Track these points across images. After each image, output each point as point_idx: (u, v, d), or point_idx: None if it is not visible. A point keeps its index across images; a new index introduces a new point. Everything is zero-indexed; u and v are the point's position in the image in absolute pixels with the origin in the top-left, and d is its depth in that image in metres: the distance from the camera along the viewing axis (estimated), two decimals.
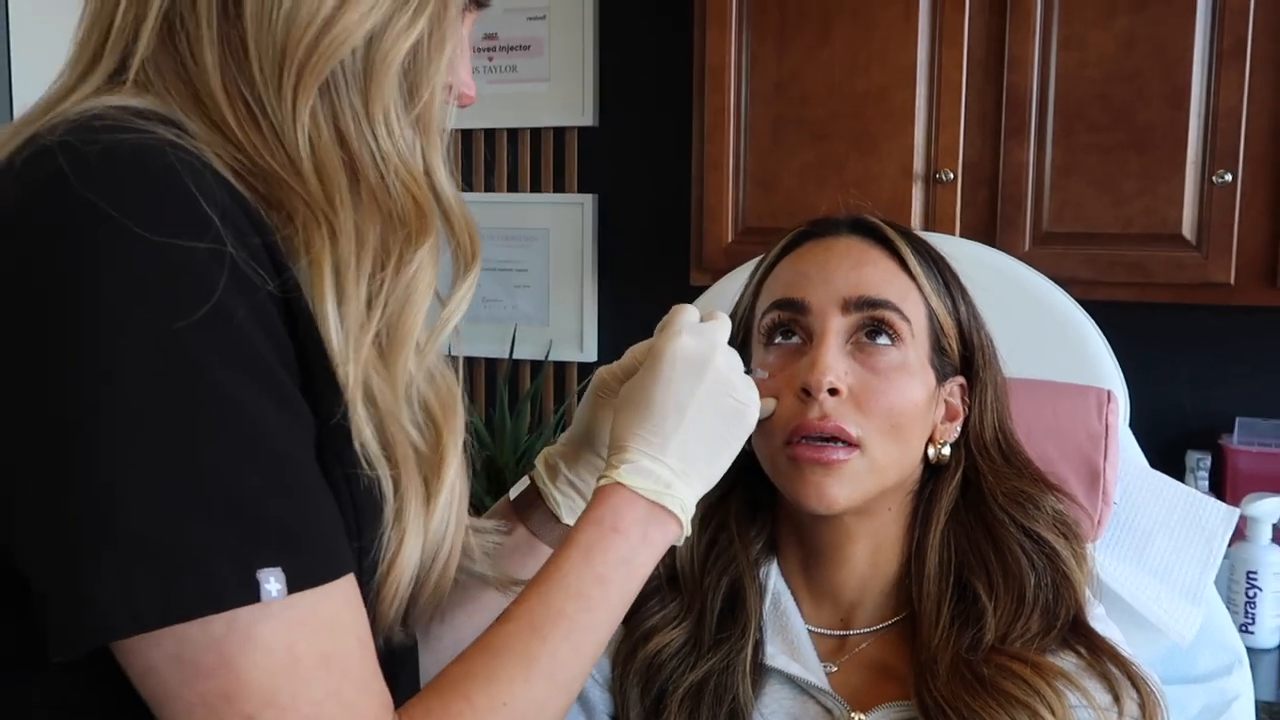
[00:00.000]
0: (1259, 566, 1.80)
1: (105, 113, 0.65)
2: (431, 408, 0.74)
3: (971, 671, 0.86)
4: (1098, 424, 1.07)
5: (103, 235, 0.59)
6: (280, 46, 0.69)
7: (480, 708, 0.68)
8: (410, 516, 0.70)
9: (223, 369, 0.60)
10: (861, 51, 1.95)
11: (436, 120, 0.74)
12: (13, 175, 0.62)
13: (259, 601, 0.59)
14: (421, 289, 0.71)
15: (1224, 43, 1.77)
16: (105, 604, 0.58)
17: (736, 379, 0.83)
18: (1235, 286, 1.82)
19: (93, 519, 0.58)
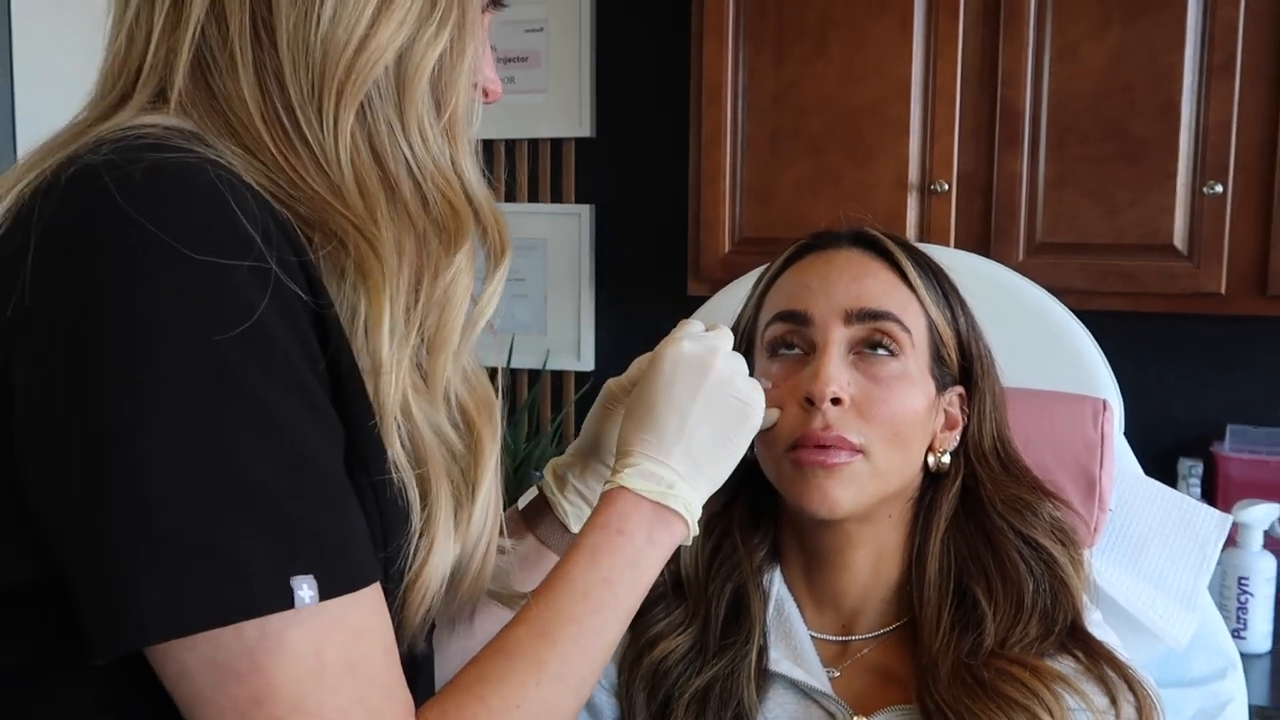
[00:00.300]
0: (1251, 572, 1.82)
1: (148, 132, 0.67)
2: (468, 408, 0.76)
3: (972, 675, 0.88)
4: (1093, 433, 1.09)
5: (147, 252, 0.61)
6: (319, 69, 0.70)
7: (495, 709, 0.70)
8: (440, 525, 0.72)
9: (261, 382, 0.62)
10: (857, 65, 1.97)
11: (464, 122, 0.76)
12: (57, 193, 0.64)
13: (293, 608, 0.61)
14: (459, 293, 0.73)
15: (1214, 57, 1.80)
16: (147, 608, 0.59)
17: (739, 379, 0.84)
18: (1226, 296, 1.84)
19: (134, 526, 0.59)
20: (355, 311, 0.69)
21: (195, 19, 0.70)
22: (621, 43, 2.45)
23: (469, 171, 0.75)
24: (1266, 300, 1.83)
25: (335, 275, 0.69)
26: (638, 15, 2.43)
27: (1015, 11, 1.89)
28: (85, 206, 0.62)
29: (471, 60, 0.76)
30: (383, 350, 0.69)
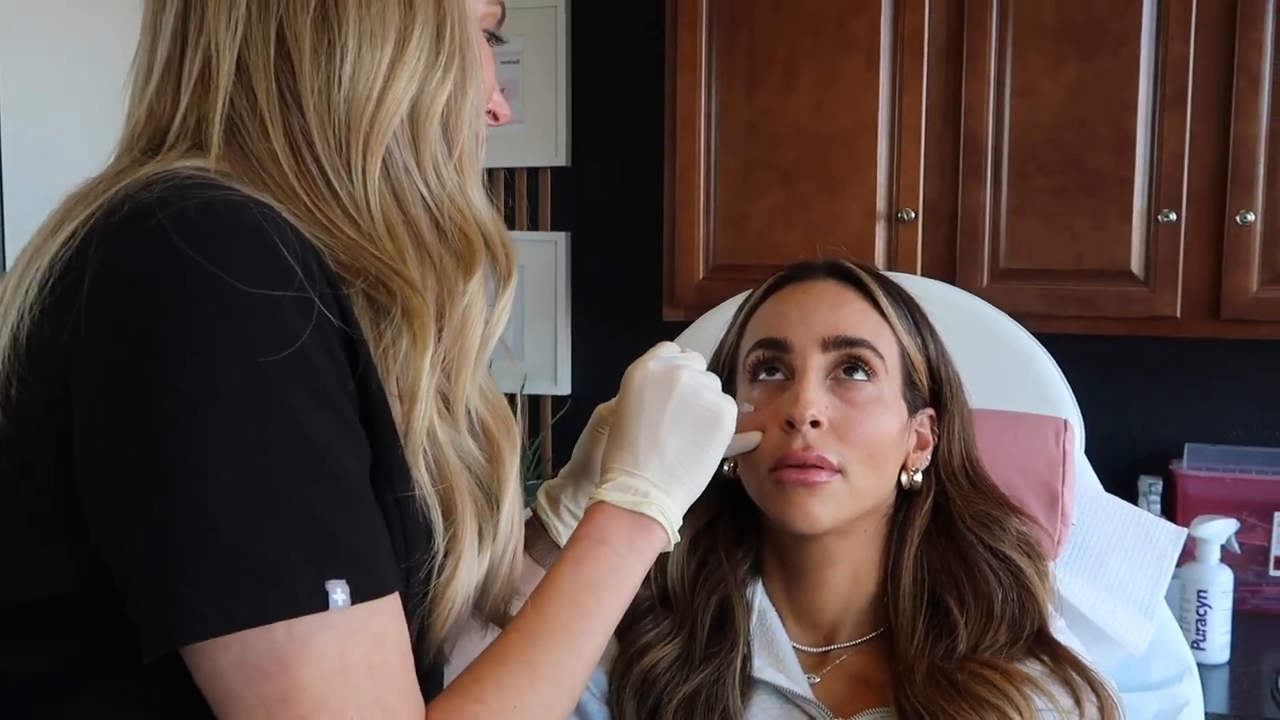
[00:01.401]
0: (1209, 585, 1.89)
1: (195, 172, 0.72)
2: (487, 423, 0.81)
3: (946, 678, 0.93)
4: (1056, 451, 1.15)
5: (200, 284, 0.66)
6: (344, 125, 0.76)
7: (494, 709, 0.74)
8: (465, 543, 0.76)
9: (301, 404, 0.67)
10: (826, 98, 2.04)
11: (471, 155, 0.81)
12: (113, 228, 0.69)
13: (327, 609, 0.65)
14: (475, 316, 0.78)
15: (1166, 92, 1.88)
16: (197, 608, 0.64)
17: (706, 392, 0.88)
18: (1181, 319, 1.92)
19: (186, 533, 0.64)
20: (394, 344, 0.74)
21: (224, 90, 0.76)
22: (596, 75, 2.51)
23: (477, 200, 0.81)
24: (1220, 324, 1.91)
25: (368, 310, 0.74)
26: (612, 49, 2.49)
27: (977, 49, 1.96)
28: (140, 241, 0.67)
29: (475, 97, 0.81)
30: (421, 380, 0.74)
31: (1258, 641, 1.97)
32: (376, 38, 0.76)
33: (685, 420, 0.87)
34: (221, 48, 0.76)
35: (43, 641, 0.71)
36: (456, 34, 0.79)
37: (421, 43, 0.77)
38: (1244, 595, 2.04)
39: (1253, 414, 2.18)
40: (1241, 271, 1.88)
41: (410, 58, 0.77)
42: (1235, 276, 1.88)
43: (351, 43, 0.76)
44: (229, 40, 0.76)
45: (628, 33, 2.46)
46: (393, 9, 0.77)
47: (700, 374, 0.90)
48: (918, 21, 1.99)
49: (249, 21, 0.76)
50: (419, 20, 0.77)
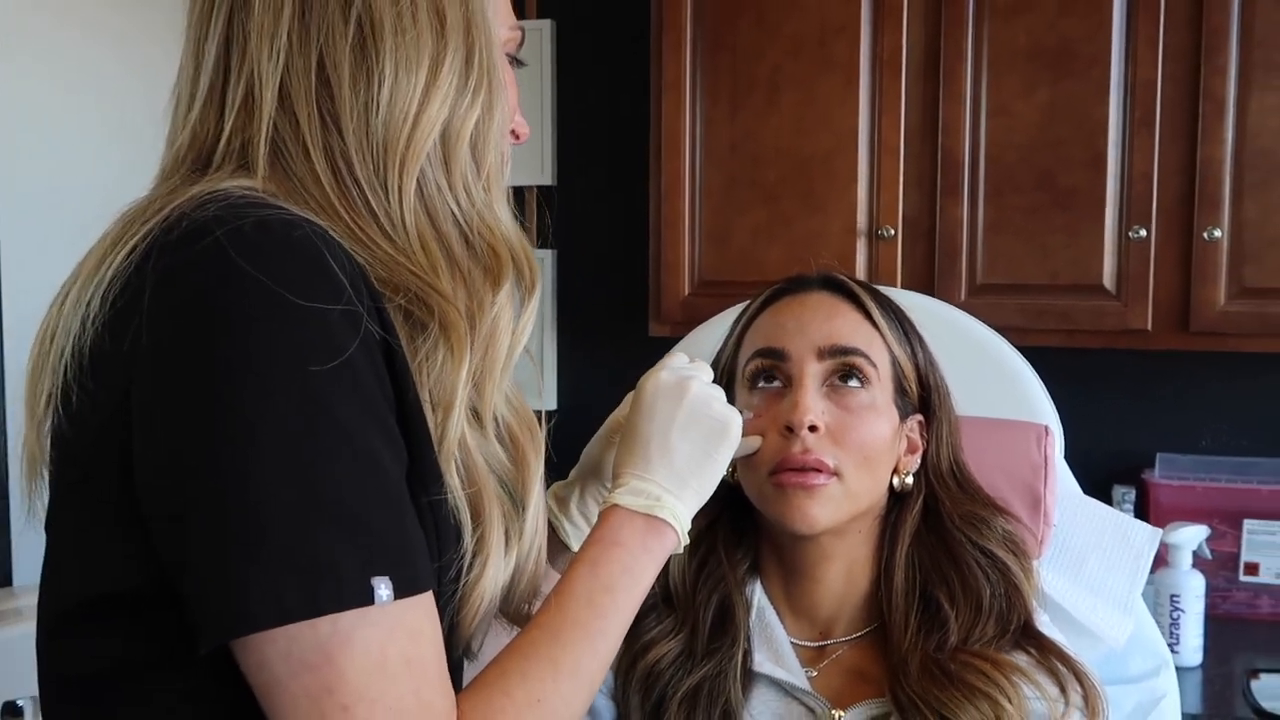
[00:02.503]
0: (1181, 590, 1.95)
1: (246, 193, 0.76)
2: (513, 428, 0.85)
3: (939, 668, 0.98)
4: (1038, 455, 1.20)
5: (256, 298, 0.70)
6: (381, 148, 0.80)
7: (519, 702, 0.78)
8: (492, 545, 0.81)
9: (347, 412, 0.71)
10: (808, 118, 2.10)
11: (497, 173, 0.85)
12: (171, 245, 0.73)
13: (372, 604, 0.69)
14: (503, 326, 0.82)
15: (1136, 113, 1.96)
16: (253, 602, 0.68)
17: (714, 402, 0.93)
18: (1152, 332, 1.99)
19: (243, 533, 0.68)
20: (430, 357, 0.78)
21: (268, 115, 0.80)
22: (581, 95, 2.56)
23: (504, 216, 0.85)
24: (1189, 336, 1.98)
25: (405, 324, 0.78)
26: (596, 69, 2.55)
27: (953, 71, 2.03)
28: (199, 257, 0.71)
29: (500, 119, 0.86)
30: (457, 390, 0.78)
31: (1229, 644, 2.03)
32: (411, 64, 0.80)
33: (695, 428, 0.91)
34: (265, 75, 0.80)
35: (106, 635, 0.75)
36: (484, 59, 0.84)
37: (453, 68, 0.82)
38: (1215, 600, 2.10)
39: (1221, 424, 2.25)
40: (1209, 286, 1.95)
41: (443, 83, 0.81)
42: (1203, 291, 1.95)
43: (389, 69, 0.80)
44: (271, 68, 0.80)
45: (612, 54, 2.51)
46: (426, 37, 0.81)
47: (709, 385, 0.94)
48: (896, 44, 2.05)
49: (290, 50, 0.80)
50: (450, 47, 0.82)
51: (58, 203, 2.03)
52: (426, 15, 0.81)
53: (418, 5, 0.81)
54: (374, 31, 0.80)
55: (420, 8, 0.81)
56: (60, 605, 0.78)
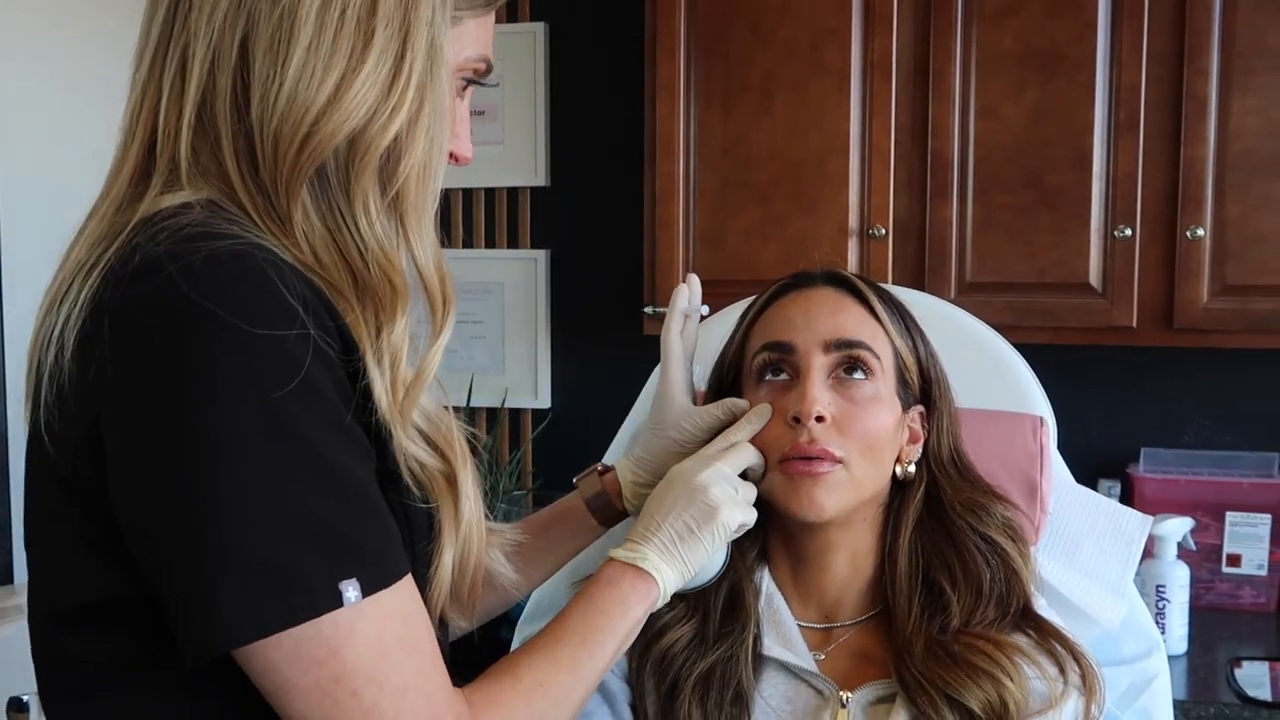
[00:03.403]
0: (1167, 581, 1.99)
1: (194, 219, 0.78)
2: (435, 439, 0.89)
3: (943, 649, 1.02)
4: (1033, 445, 1.24)
5: (212, 329, 0.73)
6: (273, 147, 0.81)
7: (525, 684, 0.88)
8: (445, 530, 0.87)
9: (309, 427, 0.75)
10: (800, 121, 2.14)
11: (414, 199, 0.85)
12: (127, 280, 0.76)
13: (342, 606, 0.75)
14: (403, 356, 0.84)
15: (1120, 116, 2.00)
16: (230, 617, 0.73)
17: (713, 489, 1.02)
18: (1137, 329, 2.03)
19: (216, 553, 0.73)
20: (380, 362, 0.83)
21: (193, 95, 0.82)
22: (574, 98, 2.59)
23: (418, 244, 0.86)
24: (1173, 333, 2.02)
25: (363, 330, 0.82)
26: (588, 72, 2.58)
27: (942, 74, 2.07)
28: (154, 293, 0.74)
29: (430, 141, 0.85)
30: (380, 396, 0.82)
31: (1213, 634, 2.08)
32: (323, 60, 0.80)
33: (689, 510, 1.01)
34: (196, 51, 0.82)
35: (93, 638, 0.80)
36: (417, 75, 0.83)
37: (374, 77, 0.81)
38: (1199, 591, 2.15)
39: (1204, 419, 2.30)
40: (1192, 284, 2.00)
41: (358, 88, 0.80)
42: (1187, 289, 2.00)
43: (295, 59, 0.80)
44: (203, 45, 0.81)
45: (605, 57, 2.55)
46: (347, 38, 0.80)
47: (717, 472, 1.03)
48: (886, 48, 2.09)
49: (221, 28, 0.81)
50: (374, 54, 0.81)
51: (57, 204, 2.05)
52: (355, 16, 0.81)
53: (348, 5, 0.81)
54: (293, 21, 0.80)
55: (350, 8, 0.81)
56: (50, 608, 0.82)
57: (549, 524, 1.15)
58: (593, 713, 1.07)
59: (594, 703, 1.07)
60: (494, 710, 0.85)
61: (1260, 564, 2.19)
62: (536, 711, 0.87)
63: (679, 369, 1.14)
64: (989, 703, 0.99)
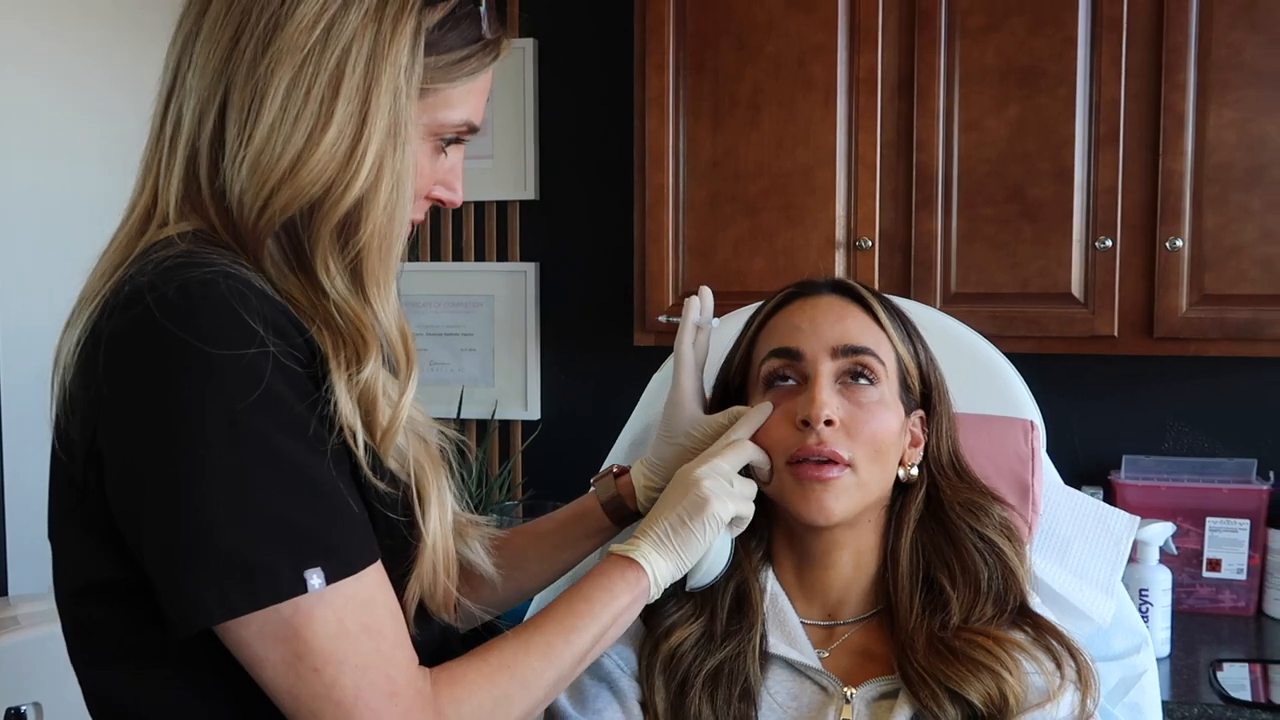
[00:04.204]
0: (1150, 584, 2.03)
1: (180, 251, 0.88)
2: (416, 460, 0.96)
3: (944, 645, 1.05)
4: (1025, 448, 1.28)
5: (182, 353, 0.83)
6: (239, 206, 0.90)
7: (491, 664, 0.94)
8: (434, 498, 0.96)
9: (273, 433, 0.85)
10: (787, 135, 2.17)
11: (374, 265, 0.92)
12: (118, 311, 0.86)
13: (307, 593, 0.84)
14: (377, 390, 0.91)
15: (1100, 129, 2.05)
16: (204, 600, 0.84)
17: (705, 482, 1.06)
18: (1119, 338, 2.07)
19: (191, 545, 0.83)
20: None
21: (187, 137, 0.92)
22: (563, 113, 2.62)
23: (379, 307, 0.93)
24: (1154, 342, 2.07)
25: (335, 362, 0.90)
26: (578, 88, 2.61)
27: (926, 89, 2.11)
28: (133, 324, 0.85)
29: (389, 214, 0.92)
30: (352, 419, 0.91)
31: (1194, 637, 2.12)
32: (286, 132, 0.89)
33: (682, 501, 1.06)
34: (183, 116, 0.92)
35: (105, 609, 0.92)
36: (373, 148, 0.90)
37: (332, 151, 0.89)
38: (1180, 595, 2.20)
39: (1183, 426, 2.35)
40: (1172, 293, 2.04)
41: (315, 162, 0.89)
42: (1166, 298, 2.04)
43: (261, 129, 0.89)
44: (194, 99, 0.92)
45: (594, 73, 2.58)
46: (309, 112, 0.89)
47: (711, 467, 1.07)
48: (871, 63, 2.14)
49: (206, 93, 0.91)
50: (334, 128, 0.89)
51: (49, 217, 2.06)
52: (320, 94, 0.89)
53: (314, 83, 0.89)
54: (262, 96, 0.89)
55: (316, 86, 0.89)
56: (66, 586, 0.95)
57: (567, 523, 1.21)
58: (603, 710, 1.09)
59: (604, 700, 1.10)
60: (456, 688, 0.91)
61: (1240, 568, 2.24)
62: (501, 692, 0.93)
63: (690, 378, 1.17)
64: (989, 696, 1.02)
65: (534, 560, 1.19)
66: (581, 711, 1.10)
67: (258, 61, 0.89)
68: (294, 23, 0.89)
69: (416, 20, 0.91)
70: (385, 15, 0.90)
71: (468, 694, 0.91)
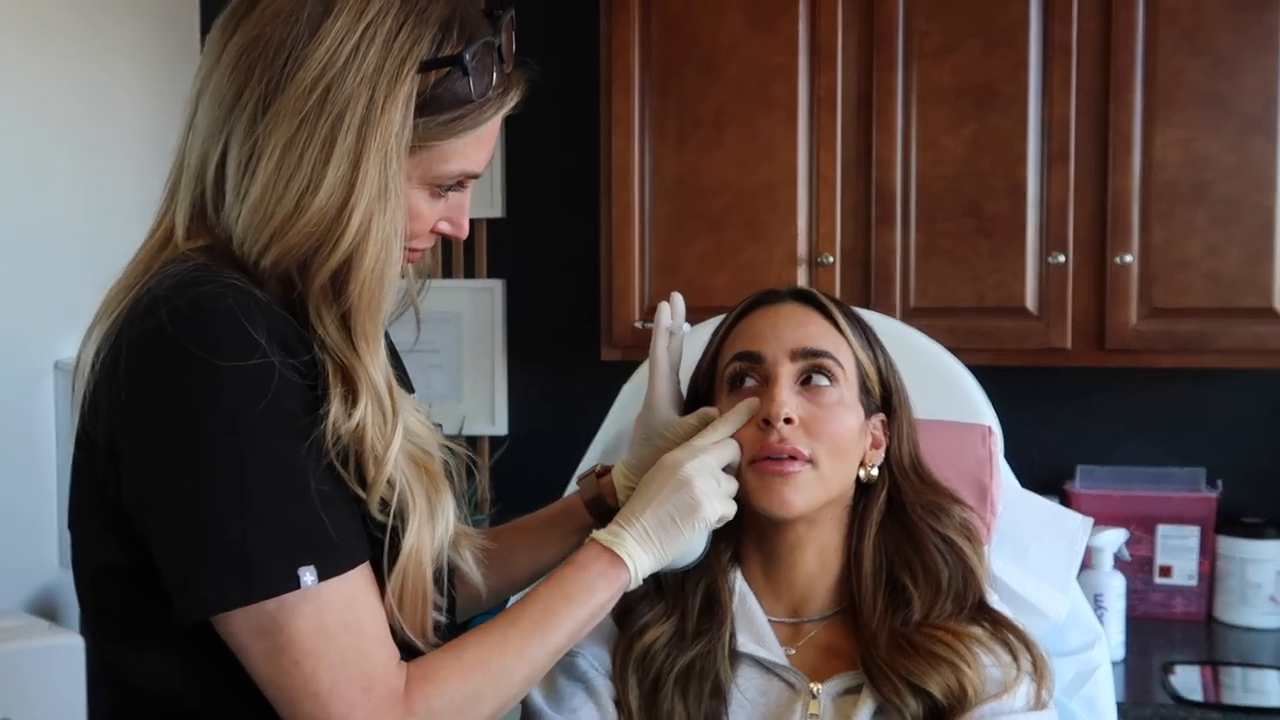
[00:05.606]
0: (1104, 590, 2.09)
1: (195, 265, 0.94)
2: (403, 491, 0.99)
3: (906, 641, 1.09)
4: (983, 451, 1.33)
5: (190, 364, 0.89)
6: (240, 251, 0.96)
7: (465, 662, 0.98)
8: (414, 531, 0.99)
9: (275, 440, 0.90)
10: (750, 153, 2.22)
11: (362, 319, 0.96)
12: (137, 318, 0.93)
13: (300, 589, 0.90)
14: (366, 441, 0.95)
15: (1052, 147, 2.12)
16: (205, 593, 0.90)
17: (697, 481, 1.07)
18: (1072, 351, 2.13)
19: (194, 541, 0.90)
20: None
21: (196, 173, 0.98)
22: (529, 132, 2.65)
23: (370, 364, 0.97)
24: (1106, 354, 2.13)
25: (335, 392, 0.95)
26: (543, 107, 2.64)
27: (885, 108, 2.17)
28: (148, 335, 0.91)
29: (379, 275, 0.96)
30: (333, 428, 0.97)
31: (1147, 641, 2.19)
32: (277, 194, 0.93)
33: (671, 501, 1.07)
34: (190, 155, 0.98)
35: (118, 590, 0.98)
36: (359, 210, 0.94)
37: (321, 212, 0.93)
38: (1134, 601, 2.25)
39: (1135, 436, 2.41)
40: (1122, 307, 2.11)
41: (304, 223, 0.93)
42: (1117, 312, 2.11)
43: (255, 190, 0.94)
44: (200, 145, 0.97)
45: (558, 92, 2.61)
46: (301, 176, 0.93)
47: (702, 465, 1.09)
48: (831, 83, 2.19)
49: (210, 138, 0.97)
50: (324, 191, 0.93)
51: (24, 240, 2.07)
52: (311, 159, 0.93)
53: (312, 136, 0.93)
54: (259, 157, 0.94)
55: (309, 151, 0.93)
56: (85, 569, 1.01)
57: (552, 519, 1.25)
58: (579, 709, 1.12)
59: (579, 699, 1.13)
60: (428, 685, 0.95)
61: (1191, 574, 2.30)
62: (472, 689, 0.96)
63: (664, 381, 1.21)
64: (949, 688, 1.07)
65: (520, 556, 1.22)
66: (557, 710, 1.12)
67: (256, 120, 0.94)
68: (294, 86, 0.93)
69: (411, 85, 0.94)
70: (381, 81, 0.93)
71: (438, 691, 0.95)
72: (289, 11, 0.95)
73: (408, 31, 0.95)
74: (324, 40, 0.93)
